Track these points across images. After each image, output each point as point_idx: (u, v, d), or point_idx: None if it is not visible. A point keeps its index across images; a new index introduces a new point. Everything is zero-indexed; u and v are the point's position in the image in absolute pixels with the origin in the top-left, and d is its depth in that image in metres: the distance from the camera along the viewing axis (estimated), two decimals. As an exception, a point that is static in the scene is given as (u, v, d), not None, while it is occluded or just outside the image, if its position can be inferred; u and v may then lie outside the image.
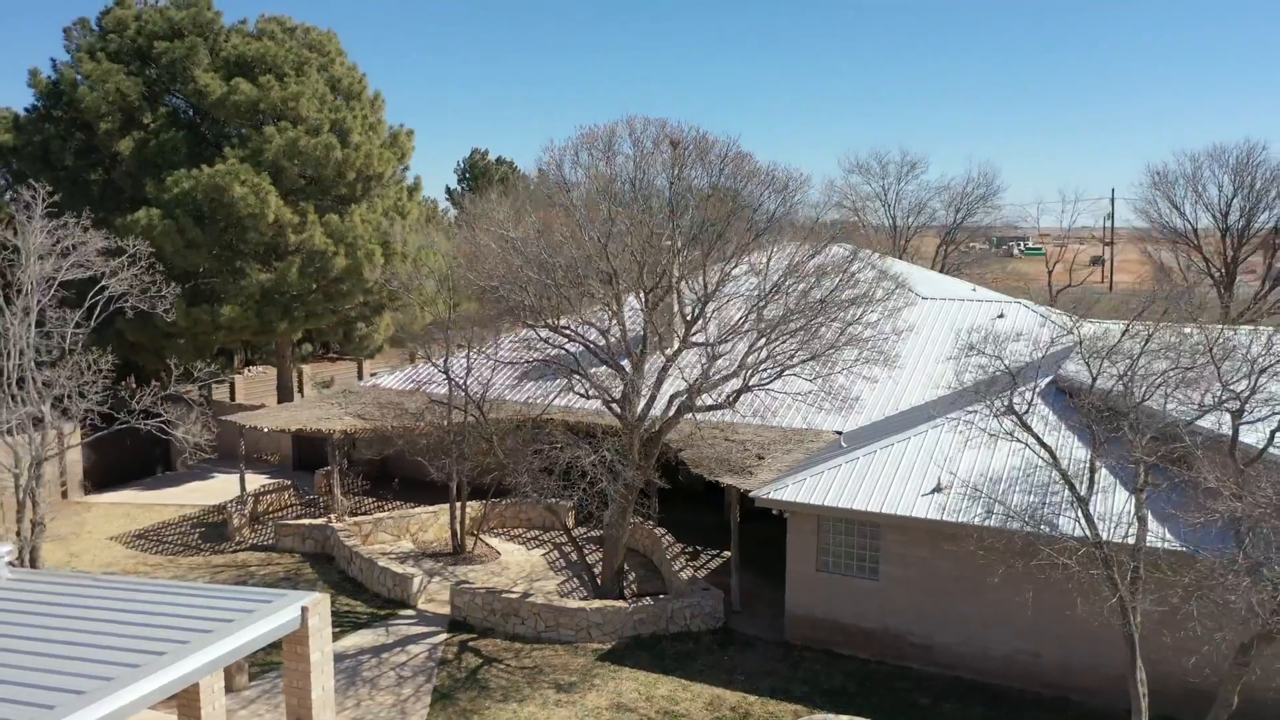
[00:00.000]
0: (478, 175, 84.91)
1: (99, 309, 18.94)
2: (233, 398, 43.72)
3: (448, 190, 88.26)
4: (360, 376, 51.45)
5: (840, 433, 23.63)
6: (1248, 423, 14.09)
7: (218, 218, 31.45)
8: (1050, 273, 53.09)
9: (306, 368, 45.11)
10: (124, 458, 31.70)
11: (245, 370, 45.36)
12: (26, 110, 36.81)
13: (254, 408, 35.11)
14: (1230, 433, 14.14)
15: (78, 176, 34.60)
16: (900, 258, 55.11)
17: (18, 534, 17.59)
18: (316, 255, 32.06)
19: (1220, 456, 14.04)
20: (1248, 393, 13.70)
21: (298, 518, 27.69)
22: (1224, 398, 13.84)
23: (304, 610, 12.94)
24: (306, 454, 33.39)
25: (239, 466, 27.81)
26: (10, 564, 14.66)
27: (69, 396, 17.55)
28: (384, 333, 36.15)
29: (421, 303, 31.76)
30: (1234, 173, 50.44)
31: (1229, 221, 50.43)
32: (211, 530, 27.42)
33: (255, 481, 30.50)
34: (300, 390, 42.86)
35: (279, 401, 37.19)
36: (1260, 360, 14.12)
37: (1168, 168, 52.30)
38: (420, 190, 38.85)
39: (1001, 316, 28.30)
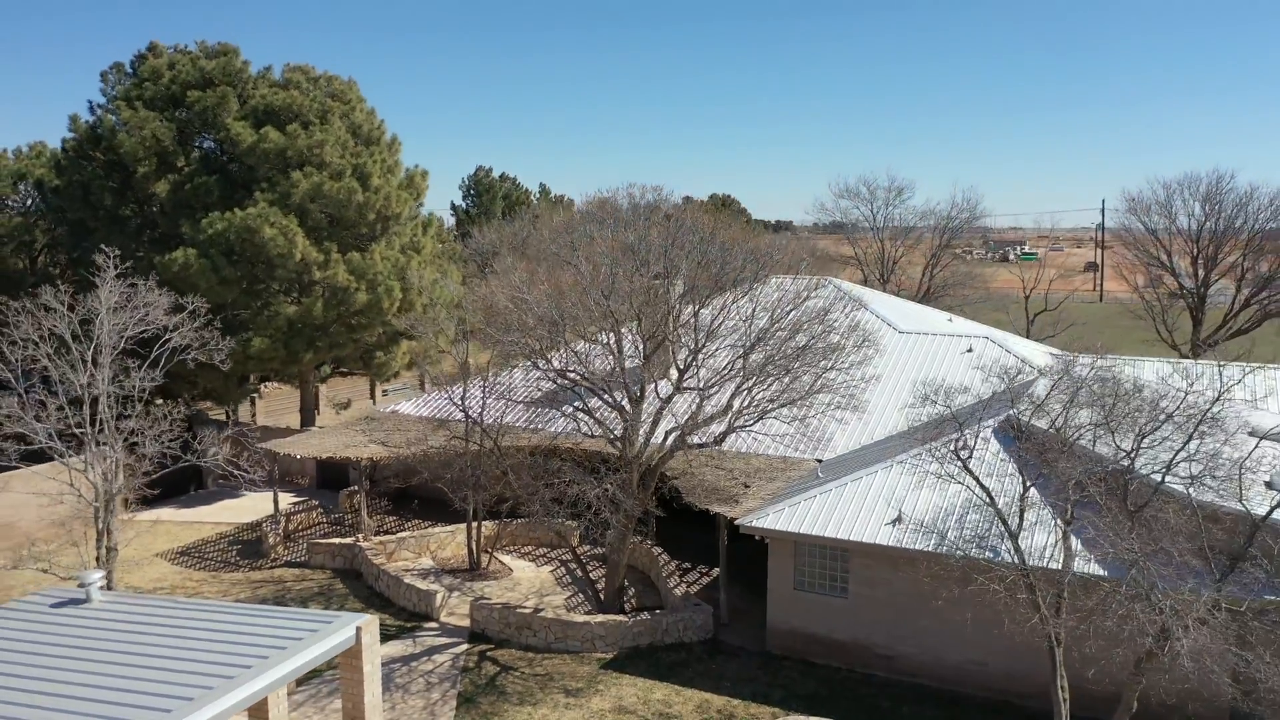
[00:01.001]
0: (482, 192, 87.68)
1: (164, 360, 21.48)
2: (253, 418, 46.35)
3: (453, 206, 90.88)
4: (373, 392, 54.10)
5: (820, 460, 26.20)
6: (1168, 468, 16.63)
7: (248, 256, 34.02)
8: (1028, 297, 55.50)
9: (323, 387, 47.61)
10: (159, 476, 34.22)
11: (262, 386, 47.86)
12: (63, 147, 39.46)
13: (281, 430, 37.75)
14: (1148, 472, 16.69)
15: (115, 214, 37.16)
16: (888, 279, 57.86)
17: (96, 560, 20.16)
18: (339, 290, 34.63)
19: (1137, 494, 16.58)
20: (1135, 448, 16.15)
21: (325, 536, 30.27)
22: (1119, 455, 16.34)
23: (358, 630, 15.51)
24: (328, 474, 35.95)
25: (272, 487, 30.33)
26: (101, 588, 17.20)
27: (143, 440, 20.07)
28: (401, 360, 38.69)
29: (436, 332, 34.41)
30: (1204, 200, 53.09)
31: (1200, 246, 53.07)
32: (248, 547, 30.00)
33: (283, 500, 33.07)
34: (317, 408, 45.43)
35: (301, 423, 39.78)
36: (1163, 410, 16.60)
37: (1142, 194, 55.02)
38: (434, 225, 41.41)
39: (970, 350, 30.92)
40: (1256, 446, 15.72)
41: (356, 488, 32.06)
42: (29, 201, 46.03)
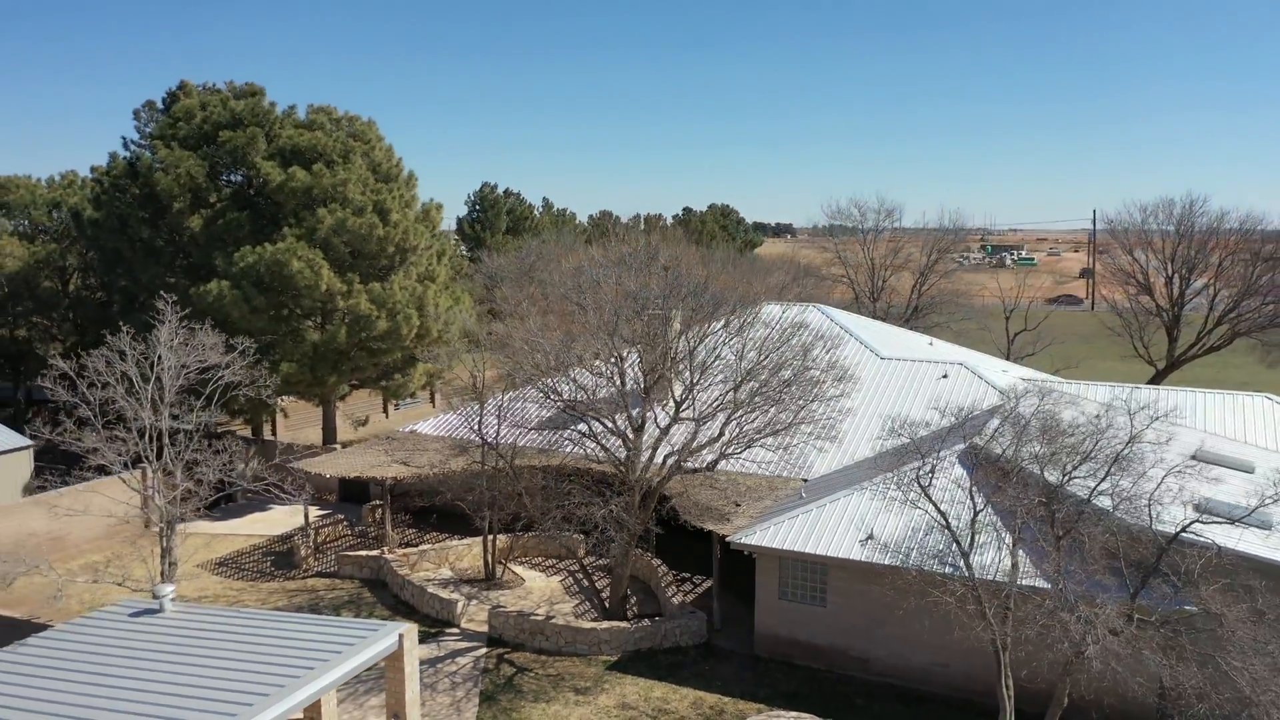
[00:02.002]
0: (487, 208, 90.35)
1: (217, 396, 24.07)
2: (273, 432, 48.92)
3: (459, 223, 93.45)
4: (385, 407, 56.63)
5: (805, 480, 28.80)
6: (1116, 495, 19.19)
7: (277, 287, 36.61)
8: (1008, 317, 58.04)
9: (341, 404, 50.21)
10: (214, 499, 36.88)
11: (282, 403, 50.43)
12: (99, 180, 42.14)
13: (304, 446, 40.36)
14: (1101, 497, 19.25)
15: (150, 245, 39.79)
16: (878, 297, 60.46)
17: (161, 574, 22.75)
18: (361, 318, 37.24)
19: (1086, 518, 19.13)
20: (1060, 483, 18.68)
21: (350, 548, 32.85)
22: (1053, 485, 18.88)
23: (400, 636, 18.08)
24: (350, 489, 38.54)
25: (302, 502, 32.88)
26: (172, 599, 19.77)
27: (206, 469, 22.66)
28: (417, 381, 41.29)
29: (450, 355, 37.06)
30: (1178, 223, 55.71)
31: (1174, 267, 55.67)
32: (280, 558, 32.59)
33: (309, 514, 35.62)
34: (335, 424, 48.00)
35: (324, 440, 42.39)
36: (1082, 451, 19.11)
37: (1119, 216, 57.72)
38: (448, 253, 44.03)
39: (945, 377, 33.53)
40: (1164, 480, 18.18)
41: (378, 502, 34.71)
42: (62, 228, 48.60)
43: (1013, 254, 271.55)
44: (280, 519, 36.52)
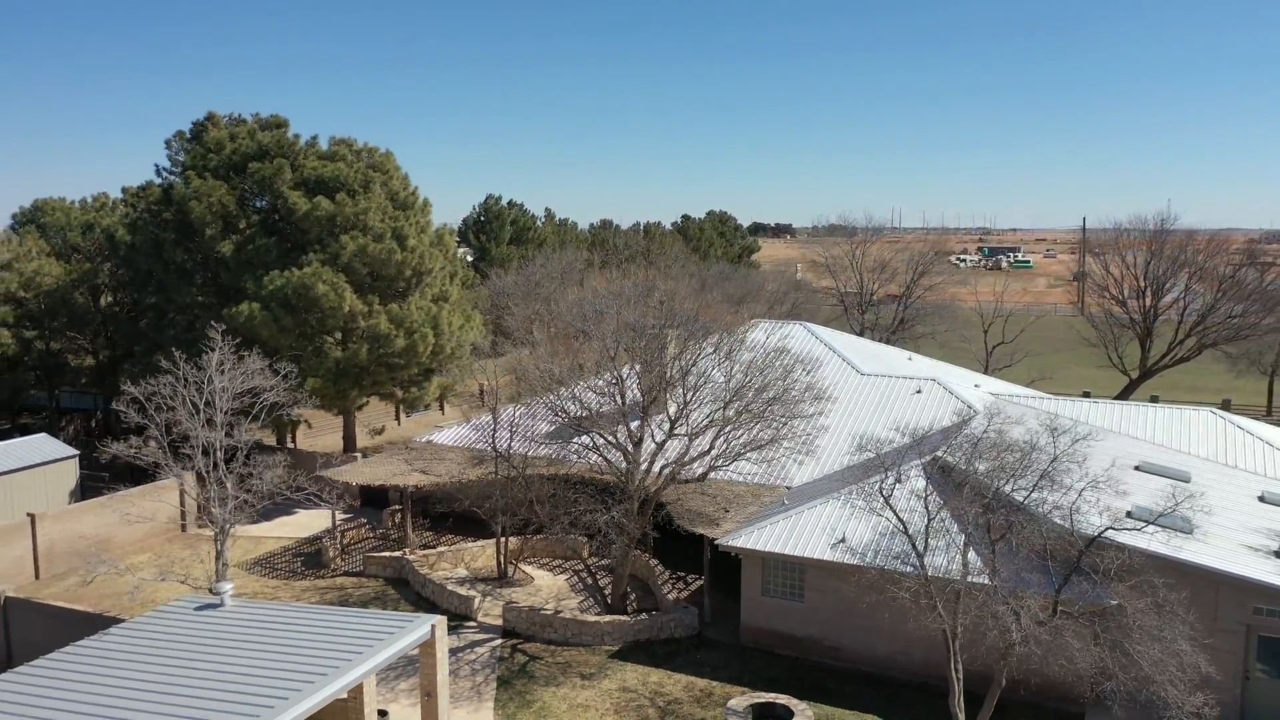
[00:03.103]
0: (492, 219, 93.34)
1: (263, 414, 27.06)
2: (293, 441, 51.92)
3: (461, 230, 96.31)
4: (398, 414, 59.62)
5: (790, 487, 31.79)
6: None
7: (303, 308, 39.62)
8: (987, 331, 61.05)
9: (359, 413, 53.20)
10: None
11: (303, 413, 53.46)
12: (134, 206, 45.15)
13: (327, 453, 43.34)
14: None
15: (183, 267, 42.83)
16: (865, 309, 63.47)
17: (216, 574, 25.75)
18: (381, 337, 40.25)
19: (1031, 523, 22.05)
20: (991, 496, 21.64)
21: (373, 550, 35.85)
22: (989, 497, 21.85)
23: (433, 626, 21.07)
24: (370, 495, 41.50)
25: (331, 507, 35.84)
26: (231, 595, 22.76)
27: (257, 481, 25.67)
28: (432, 394, 44.30)
29: (461, 369, 40.03)
30: (1150, 239, 58.74)
31: (1146, 282, 58.68)
32: (310, 559, 35.59)
33: (331, 519, 38.61)
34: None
35: (344, 448, 45.40)
36: (1009, 469, 22.04)
37: (1096, 228, 60.80)
38: (459, 275, 47.02)
39: (919, 392, 36.53)
40: (1082, 492, 21.13)
41: (397, 507, 37.73)
42: (95, 248, 51.58)
43: (1009, 256, 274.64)
44: (305, 522, 39.49)
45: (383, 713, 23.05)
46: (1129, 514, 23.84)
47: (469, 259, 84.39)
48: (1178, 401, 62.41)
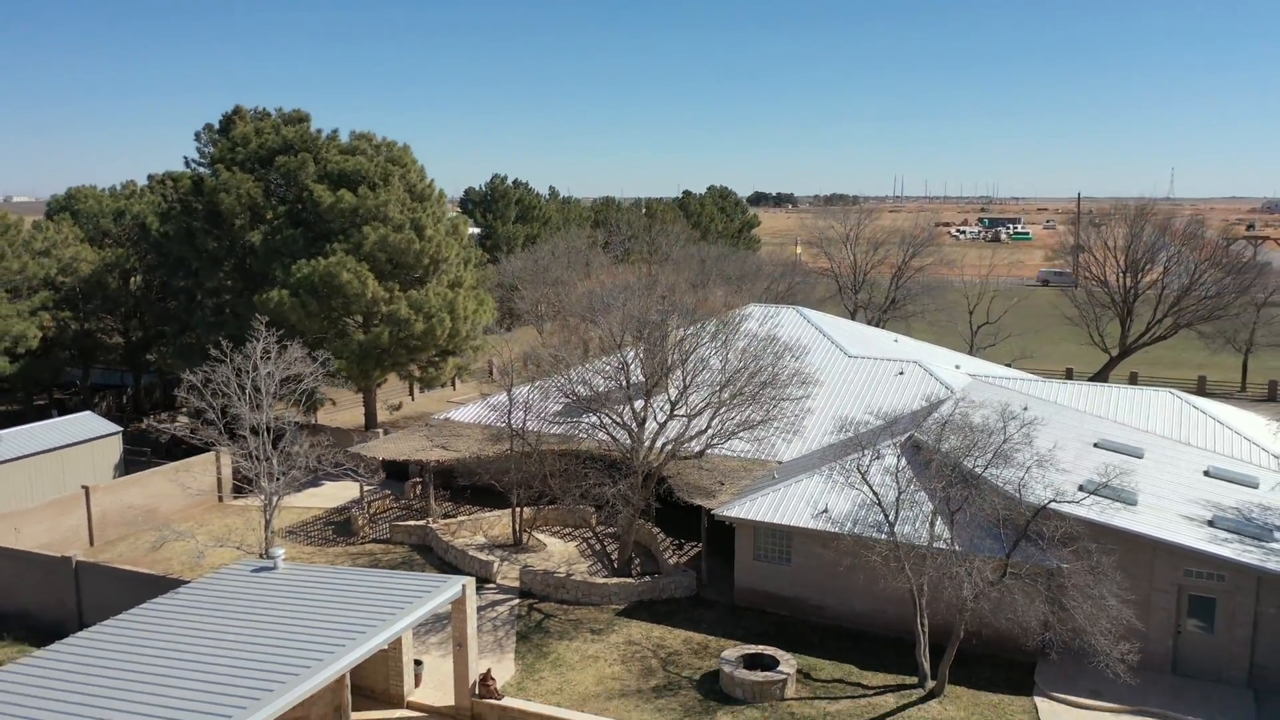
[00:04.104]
0: (498, 198, 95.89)
1: (305, 399, 29.99)
2: (315, 417, 54.92)
3: (461, 202, 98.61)
4: (411, 390, 62.61)
5: (779, 463, 34.78)
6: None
7: (328, 294, 42.46)
8: (972, 312, 63.83)
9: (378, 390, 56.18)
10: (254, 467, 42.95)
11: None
12: (163, 195, 47.83)
13: (350, 429, 46.36)
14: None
15: (214, 255, 45.63)
16: (859, 289, 66.21)
17: (265, 540, 28.82)
18: (401, 321, 43.11)
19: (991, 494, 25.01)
20: (950, 476, 24.58)
21: (397, 519, 38.94)
22: (955, 473, 24.79)
23: (464, 586, 24.11)
24: (392, 468, 44.55)
25: (361, 480, 38.87)
26: (284, 560, 25.79)
27: (304, 458, 28.65)
28: (448, 373, 47.23)
29: (474, 349, 42.93)
30: (1131, 223, 61.36)
31: (1127, 263, 61.36)
32: (339, 527, 38.68)
33: (358, 490, 41.67)
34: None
35: (366, 425, 48.42)
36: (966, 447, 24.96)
37: (1091, 200, 63.33)
38: (473, 260, 49.79)
39: (901, 374, 39.44)
40: (1030, 467, 24.10)
41: (418, 479, 40.79)
42: (126, 234, 54.32)
43: (1008, 228, 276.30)
44: (332, 493, 42.54)
45: (418, 661, 26.17)
46: (1080, 487, 26.78)
47: (469, 226, 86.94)
48: (1158, 377, 65.47)
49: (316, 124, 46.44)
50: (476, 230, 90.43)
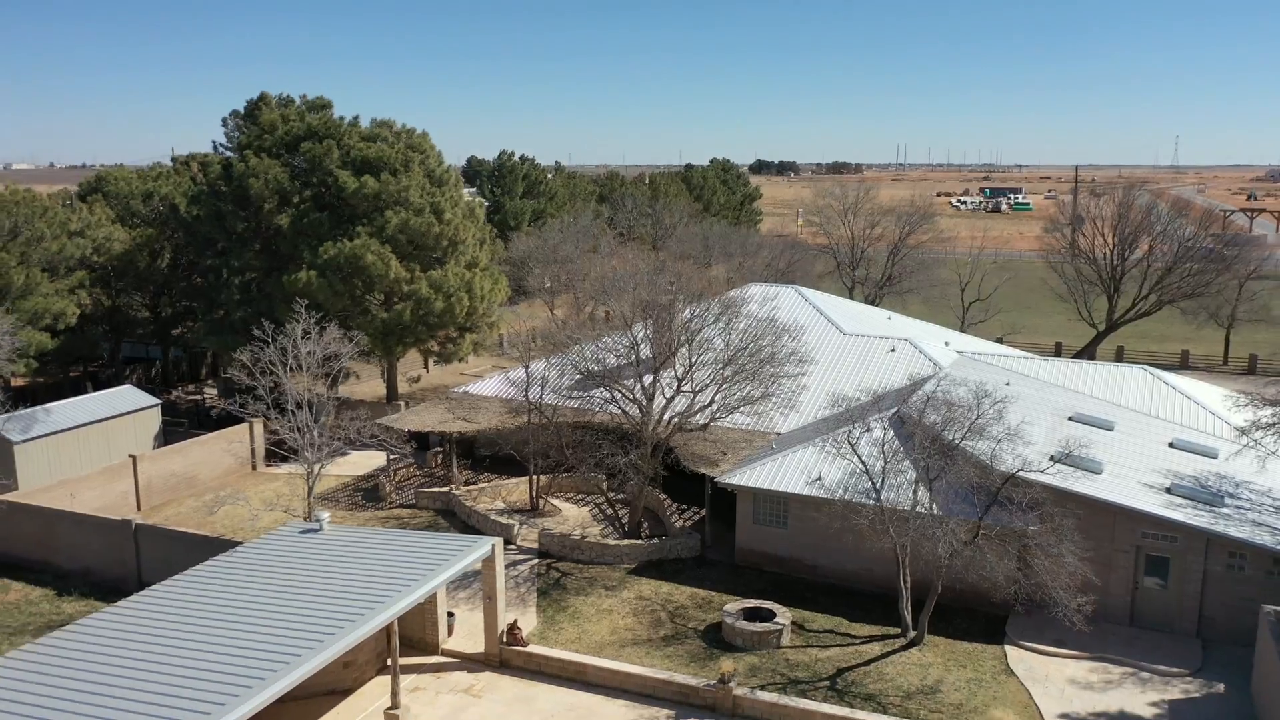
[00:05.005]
0: (506, 174, 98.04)
1: (336, 377, 32.64)
2: (336, 389, 57.58)
3: (465, 171, 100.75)
4: (426, 363, 65.26)
5: (778, 434, 37.49)
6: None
7: (353, 275, 45.01)
8: (964, 290, 66.27)
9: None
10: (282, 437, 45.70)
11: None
12: (192, 179, 50.24)
13: (371, 402, 49.07)
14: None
15: (243, 237, 48.14)
16: (856, 265, 68.66)
17: (308, 505, 31.63)
18: (422, 300, 45.70)
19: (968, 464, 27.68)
20: (930, 446, 27.24)
21: (422, 486, 41.75)
22: (935, 446, 27.47)
23: (494, 546, 26.89)
24: (411, 437, 47.29)
25: (396, 451, 41.36)
26: (330, 522, 28.55)
27: (344, 431, 31.38)
28: (466, 349, 49.91)
29: (490, 325, 45.56)
30: (1118, 204, 63.64)
31: (1114, 241, 63.70)
32: (367, 494, 41.51)
33: (383, 459, 44.42)
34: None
35: (388, 397, 51.16)
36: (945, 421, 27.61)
37: (1091, 169, 65.66)
38: (488, 242, 52.26)
39: (893, 351, 42.05)
40: (1001, 440, 26.80)
41: (439, 449, 43.57)
42: (155, 215, 56.74)
43: (1009, 197, 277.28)
44: (358, 461, 45.32)
45: (450, 614, 29.03)
46: (1052, 458, 29.48)
47: (471, 195, 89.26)
48: (1145, 351, 68.12)
49: (316, 96, 48.77)
50: (472, 193, 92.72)
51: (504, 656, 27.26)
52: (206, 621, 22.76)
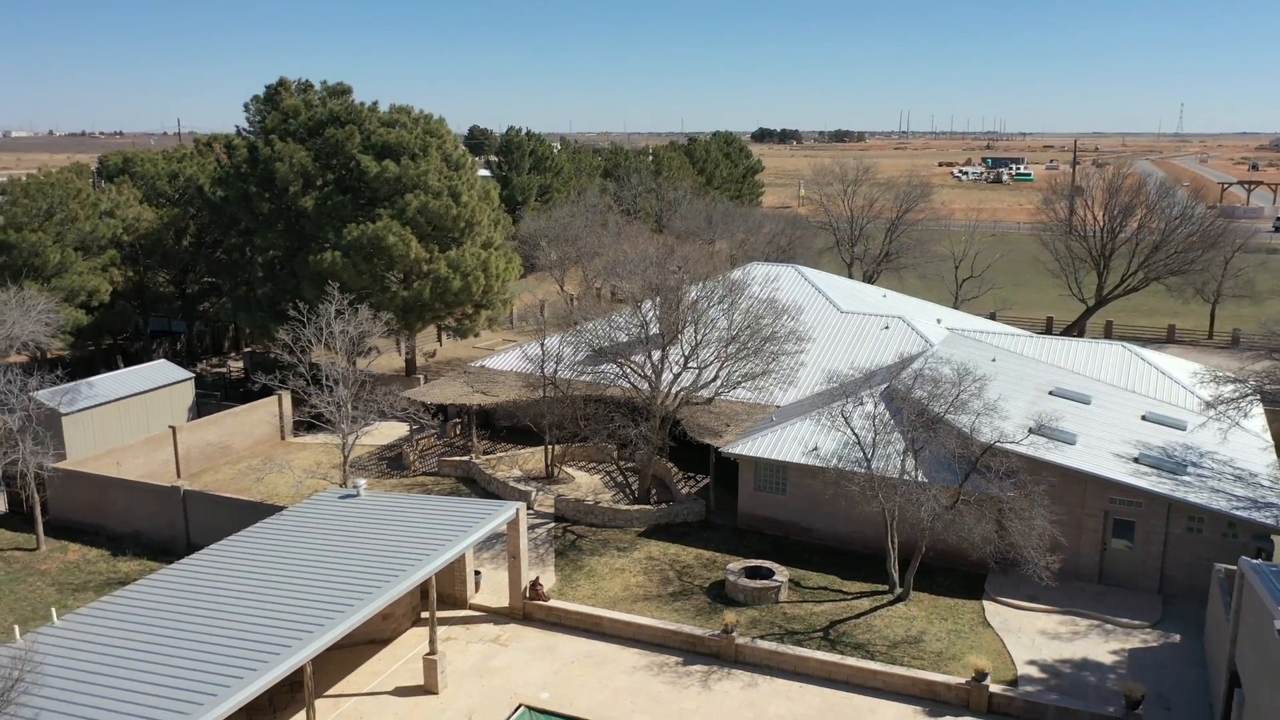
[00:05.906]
0: (513, 149, 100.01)
1: (368, 351, 35.16)
2: (353, 364, 60.11)
3: (466, 140, 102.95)
4: (439, 336, 67.74)
5: (777, 407, 40.05)
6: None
7: (375, 255, 47.37)
8: (958, 267, 68.54)
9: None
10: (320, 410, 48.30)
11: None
12: (220, 165, 52.49)
13: (391, 375, 51.64)
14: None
15: (268, 219, 50.44)
16: (855, 242, 70.93)
17: (344, 474, 34.29)
18: (440, 279, 48.10)
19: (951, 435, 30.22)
20: (915, 421, 29.77)
21: (442, 455, 44.39)
22: (922, 419, 30.00)
23: (518, 510, 29.53)
24: (433, 409, 49.91)
25: (423, 422, 43.95)
26: (366, 488, 31.16)
27: (370, 402, 33.97)
28: (481, 324, 52.37)
29: (504, 302, 47.99)
30: (1109, 183, 65.73)
31: (1104, 219, 65.85)
32: (391, 462, 44.18)
33: (405, 430, 47.04)
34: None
35: (407, 371, 53.72)
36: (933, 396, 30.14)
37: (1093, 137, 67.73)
38: (504, 224, 54.55)
39: (886, 328, 44.51)
40: (979, 415, 29.33)
41: (458, 420, 46.16)
42: (180, 195, 58.97)
43: (1011, 168, 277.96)
44: (382, 432, 47.93)
45: (477, 572, 31.74)
46: (1030, 430, 32.02)
47: (485, 177, 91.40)
48: (1133, 325, 70.51)
49: (336, 82, 51.10)
50: (486, 176, 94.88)
51: (527, 610, 30.00)
52: (265, 578, 25.43)
